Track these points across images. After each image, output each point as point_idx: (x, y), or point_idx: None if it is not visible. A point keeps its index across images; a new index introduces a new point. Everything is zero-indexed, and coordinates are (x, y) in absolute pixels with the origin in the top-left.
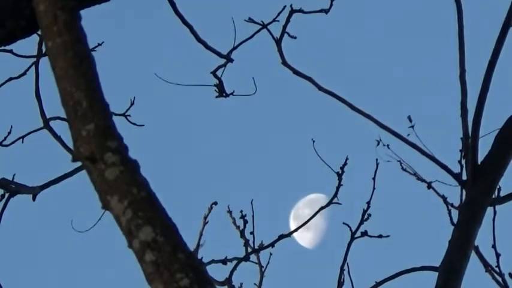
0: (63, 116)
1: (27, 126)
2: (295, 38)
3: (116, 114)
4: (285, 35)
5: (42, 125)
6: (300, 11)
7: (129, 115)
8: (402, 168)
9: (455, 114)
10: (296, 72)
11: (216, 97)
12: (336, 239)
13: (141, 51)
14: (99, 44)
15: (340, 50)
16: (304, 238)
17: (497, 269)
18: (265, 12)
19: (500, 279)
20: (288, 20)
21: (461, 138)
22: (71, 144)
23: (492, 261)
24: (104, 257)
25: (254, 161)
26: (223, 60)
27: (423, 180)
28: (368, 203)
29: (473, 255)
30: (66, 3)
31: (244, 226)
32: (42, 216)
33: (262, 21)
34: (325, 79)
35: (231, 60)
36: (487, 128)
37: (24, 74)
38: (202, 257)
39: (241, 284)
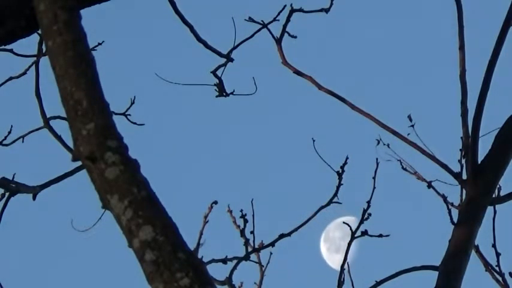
0: (64, 115)
1: (28, 125)
2: (295, 37)
3: (116, 114)
4: (285, 34)
5: (42, 124)
6: (300, 10)
7: (129, 114)
8: (402, 167)
9: (455, 114)
10: (296, 72)
11: (216, 97)
12: (364, 261)
13: (141, 51)
14: (99, 44)
15: (340, 50)
16: (334, 260)
17: (497, 269)
18: (266, 12)
19: (500, 278)
20: (288, 20)
21: (461, 138)
22: (71, 144)
23: (492, 261)
24: (104, 257)
25: (254, 161)
26: (223, 60)
27: (423, 180)
28: (368, 202)
29: (473, 254)
30: (66, 3)
31: (245, 225)
32: (42, 216)
33: (262, 21)
34: (326, 78)
35: (231, 60)
36: (487, 128)
37: (24, 73)
38: (202, 256)
39: (242, 283)
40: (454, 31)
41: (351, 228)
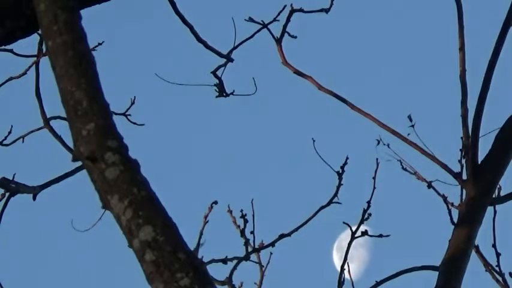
0: (64, 115)
1: (28, 125)
2: (295, 37)
3: (116, 114)
4: (285, 34)
5: (42, 124)
6: (300, 10)
7: (129, 114)
8: (402, 167)
9: (455, 114)
10: (296, 72)
11: (216, 97)
12: (378, 270)
13: (141, 51)
14: (99, 44)
15: (340, 50)
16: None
17: (497, 269)
18: (266, 12)
19: (500, 278)
20: (288, 20)
21: (461, 138)
22: (71, 144)
23: (492, 261)
24: (104, 257)
25: (254, 161)
26: (223, 60)
27: (423, 180)
28: (368, 202)
29: (473, 254)
30: (67, 3)
31: (245, 225)
32: (42, 216)
33: (262, 21)
34: (326, 78)
35: (231, 60)
36: (487, 128)
37: (24, 73)
38: (202, 257)
39: (242, 283)
40: (454, 31)
41: (351, 229)
